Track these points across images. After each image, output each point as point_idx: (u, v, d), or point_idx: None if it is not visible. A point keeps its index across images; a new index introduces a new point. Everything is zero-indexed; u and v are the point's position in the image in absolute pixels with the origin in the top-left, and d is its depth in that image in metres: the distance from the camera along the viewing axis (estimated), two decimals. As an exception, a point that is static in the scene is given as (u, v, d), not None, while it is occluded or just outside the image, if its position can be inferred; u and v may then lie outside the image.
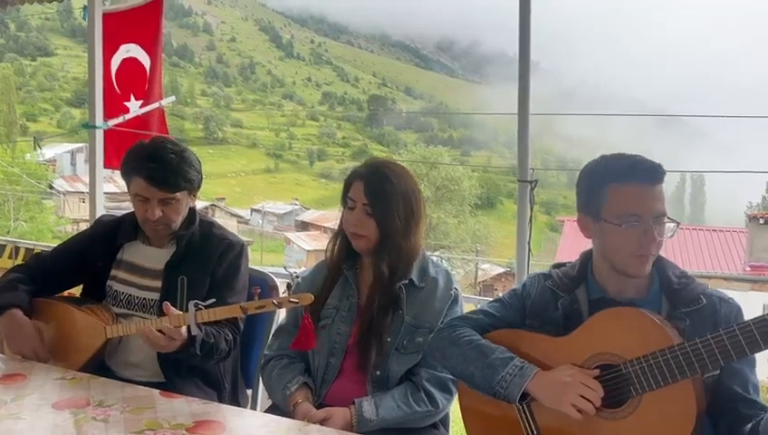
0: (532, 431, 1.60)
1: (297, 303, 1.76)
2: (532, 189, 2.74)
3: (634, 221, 1.54)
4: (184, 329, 1.80)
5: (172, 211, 2.03)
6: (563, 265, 1.77)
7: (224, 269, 2.07)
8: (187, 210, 2.09)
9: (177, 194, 2.01)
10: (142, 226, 2.08)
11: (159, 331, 1.79)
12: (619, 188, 1.56)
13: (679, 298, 1.59)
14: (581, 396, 1.48)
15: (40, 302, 2.05)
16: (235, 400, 2.17)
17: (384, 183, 1.90)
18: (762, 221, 18.98)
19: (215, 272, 2.06)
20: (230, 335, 2.00)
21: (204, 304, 1.79)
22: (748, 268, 18.27)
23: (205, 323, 1.85)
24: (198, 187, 2.08)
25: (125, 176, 2.05)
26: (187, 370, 2.03)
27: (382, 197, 1.89)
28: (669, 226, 1.57)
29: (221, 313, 1.81)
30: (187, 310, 1.80)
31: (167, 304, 1.82)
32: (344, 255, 1.99)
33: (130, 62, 3.84)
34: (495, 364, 1.60)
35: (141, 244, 2.13)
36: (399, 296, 1.90)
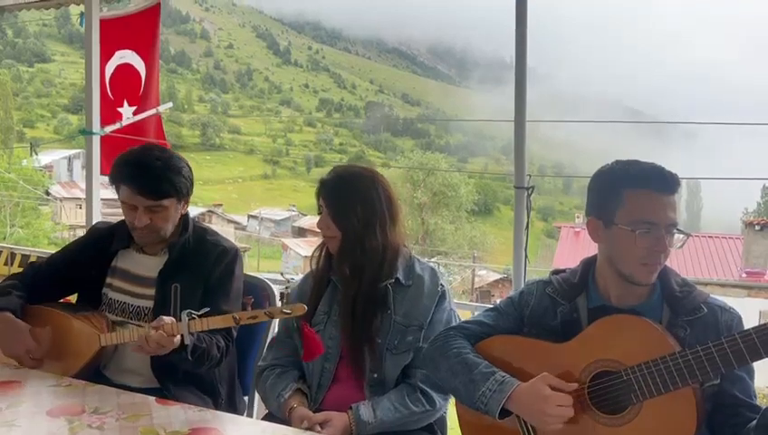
0: (531, 439, 1.59)
1: (290, 314, 1.75)
2: (528, 196, 2.74)
3: (648, 228, 1.52)
4: (177, 338, 1.78)
5: (160, 219, 2.01)
6: (563, 271, 1.76)
7: (218, 275, 2.06)
8: (177, 217, 2.07)
9: (164, 201, 1.99)
10: (132, 233, 2.07)
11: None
12: (636, 194, 1.54)
13: (681, 307, 1.58)
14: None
15: (35, 309, 2.04)
16: (233, 406, 2.16)
17: (339, 186, 1.96)
18: (757, 227, 19.02)
19: (209, 278, 2.05)
20: (222, 342, 1.99)
21: (197, 313, 1.78)
22: (744, 275, 18.30)
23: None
24: (188, 193, 2.06)
25: (113, 183, 2.05)
26: (182, 376, 2.01)
27: (337, 199, 1.94)
28: (678, 236, 1.56)
29: (214, 322, 1.79)
30: (180, 319, 1.78)
31: (160, 318, 1.80)
32: (330, 261, 2.01)
33: (125, 69, 3.85)
34: (477, 379, 1.60)
35: (135, 252, 2.12)
36: (386, 296, 1.90)
